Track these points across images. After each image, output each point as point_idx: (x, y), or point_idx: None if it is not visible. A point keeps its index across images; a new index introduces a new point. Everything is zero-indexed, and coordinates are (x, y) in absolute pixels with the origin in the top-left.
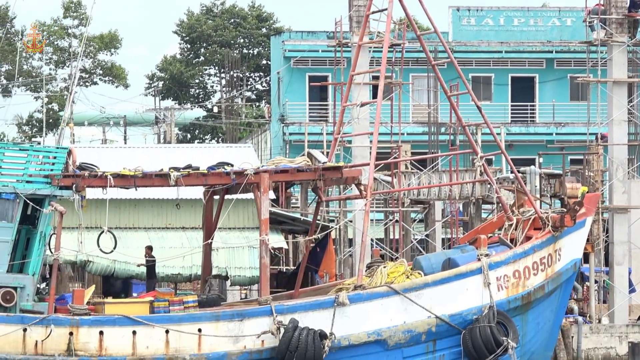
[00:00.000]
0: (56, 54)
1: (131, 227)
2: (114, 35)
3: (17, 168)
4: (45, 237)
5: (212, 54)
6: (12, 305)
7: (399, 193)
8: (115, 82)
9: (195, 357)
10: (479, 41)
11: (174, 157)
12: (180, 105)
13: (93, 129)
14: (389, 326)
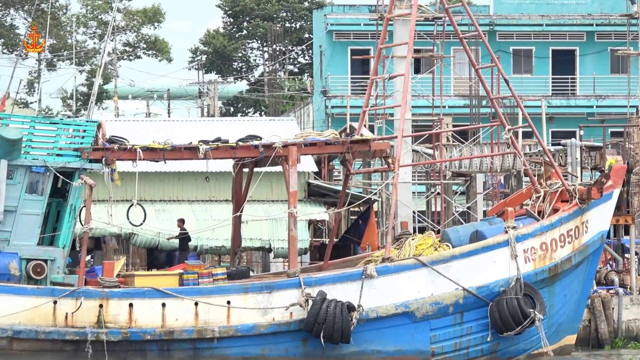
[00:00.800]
0: (100, 28)
1: (175, 199)
2: (158, 10)
3: (47, 142)
4: (75, 210)
5: (254, 28)
6: (42, 278)
7: (441, 166)
8: (159, 56)
9: (224, 329)
10: (520, 14)
11: (217, 130)
12: (224, 78)
13: (137, 103)
14: (417, 298)
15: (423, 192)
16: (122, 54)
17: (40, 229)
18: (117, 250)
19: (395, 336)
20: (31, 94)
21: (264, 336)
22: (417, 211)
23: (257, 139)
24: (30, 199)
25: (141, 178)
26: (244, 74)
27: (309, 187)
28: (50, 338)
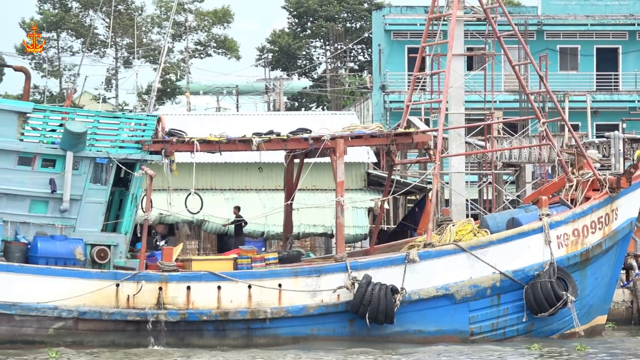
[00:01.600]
0: (173, 28)
1: (244, 188)
2: (227, 11)
3: (110, 135)
4: (136, 199)
5: (318, 28)
6: (106, 262)
7: (492, 157)
8: (228, 54)
9: (275, 310)
10: (566, 15)
11: (283, 123)
12: (289, 75)
13: (208, 98)
14: (456, 281)
15: (475, 181)
16: (194, 52)
17: (104, 216)
18: (189, 236)
19: (436, 317)
20: (109, 90)
21: (313, 317)
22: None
23: (307, 132)
24: (94, 189)
25: (212, 168)
26: (307, 71)
27: (368, 177)
28: (113, 319)
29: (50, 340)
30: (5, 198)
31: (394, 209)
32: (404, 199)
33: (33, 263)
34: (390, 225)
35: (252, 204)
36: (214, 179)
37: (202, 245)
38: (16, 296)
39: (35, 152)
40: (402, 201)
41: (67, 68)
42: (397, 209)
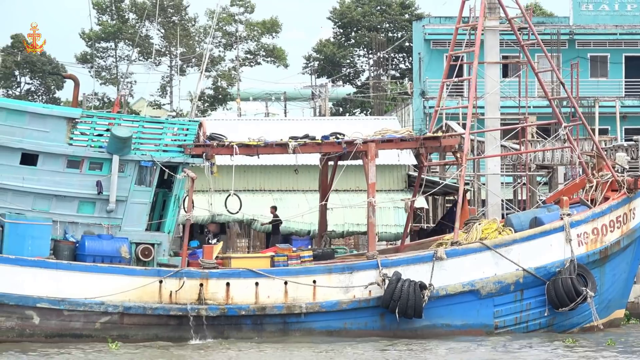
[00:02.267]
0: (224, 37)
1: (291, 189)
2: (275, 21)
3: (154, 139)
4: (179, 200)
5: (361, 37)
6: (150, 260)
7: (526, 159)
8: (277, 63)
9: (310, 305)
10: (597, 25)
11: (328, 128)
12: (333, 82)
13: (257, 104)
14: (482, 278)
15: (510, 182)
16: (244, 60)
17: (148, 216)
18: (240, 235)
19: (463, 311)
20: (164, 96)
21: (346, 312)
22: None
23: (341, 136)
24: (139, 190)
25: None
26: (351, 78)
27: (409, 178)
28: (156, 313)
29: (97, 334)
30: (55, 199)
31: (433, 208)
32: (442, 199)
33: (81, 261)
34: (430, 224)
35: (289, 204)
36: (262, 181)
37: (252, 243)
38: (65, 292)
39: (83, 155)
40: (440, 201)
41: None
42: (437, 209)
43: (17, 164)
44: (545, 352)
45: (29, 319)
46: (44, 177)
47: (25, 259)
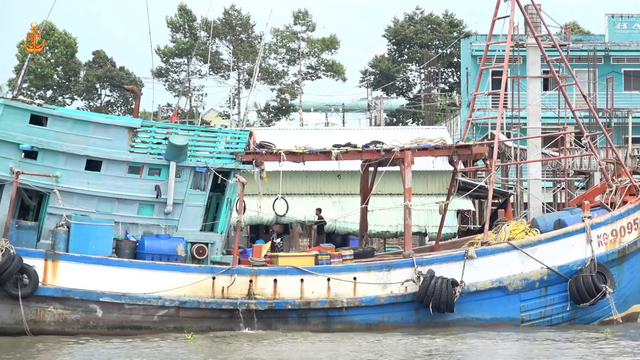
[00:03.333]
0: (288, 54)
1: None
2: (334, 39)
3: (208, 147)
4: (231, 203)
5: (413, 54)
6: (204, 258)
7: (565, 165)
8: (336, 77)
9: (351, 300)
10: (630, 42)
11: (383, 136)
12: (388, 95)
13: (318, 115)
14: (509, 275)
15: (550, 187)
16: (306, 75)
17: (203, 218)
18: (301, 235)
19: (491, 306)
20: (232, 107)
21: (384, 306)
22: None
23: (380, 144)
24: (194, 194)
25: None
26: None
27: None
28: (209, 307)
29: (155, 326)
30: (117, 202)
31: (480, 211)
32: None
33: (140, 259)
34: (476, 225)
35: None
36: (322, 185)
37: (313, 242)
38: (126, 287)
39: (143, 162)
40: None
41: (195, 89)
42: (482, 211)
43: (83, 169)
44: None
45: (92, 312)
46: (107, 182)
47: (89, 256)
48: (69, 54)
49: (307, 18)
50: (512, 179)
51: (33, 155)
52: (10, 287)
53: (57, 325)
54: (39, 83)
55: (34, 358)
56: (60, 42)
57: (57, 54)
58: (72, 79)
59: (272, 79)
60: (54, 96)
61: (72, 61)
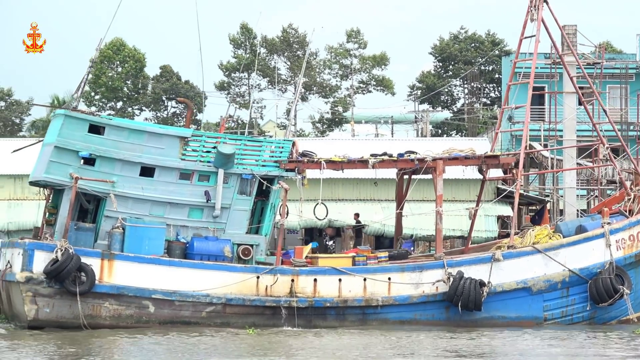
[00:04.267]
0: (341, 69)
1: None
2: (384, 55)
3: (254, 155)
4: (274, 207)
5: (457, 70)
6: (249, 258)
7: (599, 174)
8: (385, 91)
9: (385, 298)
10: None
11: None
12: (433, 108)
13: (368, 126)
14: (533, 277)
15: (584, 195)
16: (358, 89)
17: (248, 221)
18: (352, 237)
19: (516, 305)
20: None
21: (416, 305)
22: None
23: (414, 154)
24: (240, 199)
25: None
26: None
27: (497, 191)
28: (253, 304)
29: (203, 321)
30: (169, 206)
31: (518, 217)
32: (526, 209)
33: (190, 259)
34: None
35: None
36: (373, 191)
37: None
38: (176, 285)
39: (194, 169)
40: (525, 211)
41: (255, 101)
42: (521, 217)
43: (137, 175)
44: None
45: (145, 308)
46: (160, 187)
47: (143, 256)
48: (138, 68)
49: (359, 36)
50: (548, 187)
51: (91, 162)
52: (69, 284)
53: (112, 320)
54: (110, 95)
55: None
56: (130, 57)
57: (126, 68)
58: (140, 91)
59: (326, 93)
60: (123, 107)
61: (141, 75)
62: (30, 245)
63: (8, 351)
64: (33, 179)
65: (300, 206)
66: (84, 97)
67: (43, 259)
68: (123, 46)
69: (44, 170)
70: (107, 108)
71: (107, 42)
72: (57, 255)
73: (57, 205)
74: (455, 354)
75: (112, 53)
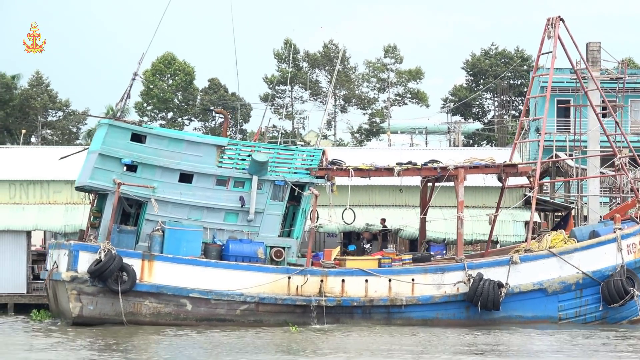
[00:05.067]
0: (379, 83)
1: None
2: (419, 70)
3: (286, 163)
4: (305, 212)
5: (487, 84)
6: (281, 260)
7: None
8: (420, 103)
9: (409, 298)
10: None
11: (460, 156)
12: (465, 119)
13: (404, 136)
14: (549, 279)
15: (607, 202)
16: (394, 101)
17: (281, 225)
18: (388, 241)
19: (532, 306)
20: (329, 129)
21: (438, 304)
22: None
23: (437, 163)
24: (273, 204)
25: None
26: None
27: (525, 198)
28: (285, 303)
29: (237, 319)
30: (206, 210)
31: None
32: (552, 215)
33: (226, 260)
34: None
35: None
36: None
37: (398, 248)
38: (212, 285)
39: (229, 175)
40: (551, 217)
41: (297, 113)
42: (548, 223)
43: (176, 181)
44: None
45: (183, 306)
46: (198, 193)
47: (181, 257)
48: (187, 81)
49: (396, 52)
50: (573, 195)
51: (133, 168)
52: (111, 283)
53: (151, 317)
54: (162, 106)
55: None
56: (181, 70)
57: (177, 80)
58: (190, 102)
59: (364, 105)
60: (174, 117)
61: (190, 87)
62: (75, 246)
63: (56, 344)
64: (79, 184)
65: (330, 211)
66: (137, 108)
67: (87, 259)
68: (174, 60)
69: (89, 176)
70: (158, 118)
71: (159, 56)
72: (101, 256)
73: (101, 209)
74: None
75: (163, 67)
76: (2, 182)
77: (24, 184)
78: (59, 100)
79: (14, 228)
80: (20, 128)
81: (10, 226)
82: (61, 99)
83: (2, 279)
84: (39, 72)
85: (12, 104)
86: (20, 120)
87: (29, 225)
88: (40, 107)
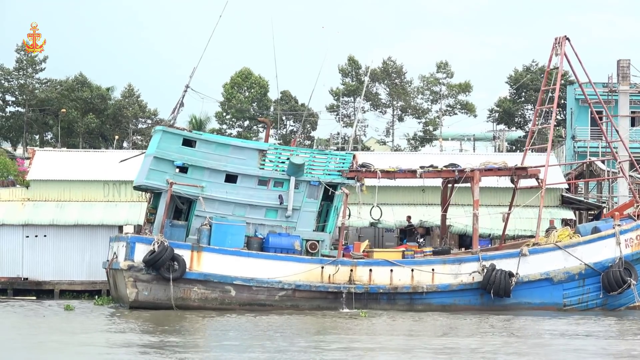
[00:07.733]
0: (432, 95)
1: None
2: (468, 84)
3: (321, 166)
4: (337, 209)
5: (529, 96)
6: (315, 252)
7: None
8: (468, 113)
9: (429, 286)
10: None
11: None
12: (509, 128)
13: (454, 143)
14: (554, 269)
15: None
16: (445, 112)
17: (315, 220)
18: (438, 235)
19: (540, 293)
20: (387, 136)
21: (455, 292)
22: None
23: (456, 166)
24: (309, 202)
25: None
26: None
27: (562, 198)
28: (318, 290)
29: (276, 304)
30: (249, 207)
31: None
32: (586, 213)
33: (266, 252)
34: None
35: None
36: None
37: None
38: (254, 273)
39: (270, 176)
40: (585, 215)
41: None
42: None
43: (223, 181)
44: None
45: (227, 292)
46: (241, 192)
47: (226, 249)
48: (262, 93)
49: (448, 67)
50: (605, 195)
51: (184, 170)
52: (164, 272)
53: (199, 302)
54: (239, 115)
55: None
56: (256, 84)
57: (253, 92)
58: (264, 112)
59: (418, 115)
60: (249, 126)
61: (265, 98)
62: (132, 238)
63: (115, 325)
64: (137, 184)
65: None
66: (217, 117)
67: (143, 250)
68: (250, 74)
69: (145, 177)
70: (235, 126)
71: (237, 71)
72: (154, 247)
73: (156, 206)
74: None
75: (241, 80)
76: (97, 182)
77: (117, 183)
78: (148, 110)
79: (107, 223)
80: (114, 134)
81: (104, 221)
82: (150, 109)
83: (99, 268)
84: (130, 85)
85: (106, 113)
86: (113, 128)
87: (121, 220)
88: (131, 116)
